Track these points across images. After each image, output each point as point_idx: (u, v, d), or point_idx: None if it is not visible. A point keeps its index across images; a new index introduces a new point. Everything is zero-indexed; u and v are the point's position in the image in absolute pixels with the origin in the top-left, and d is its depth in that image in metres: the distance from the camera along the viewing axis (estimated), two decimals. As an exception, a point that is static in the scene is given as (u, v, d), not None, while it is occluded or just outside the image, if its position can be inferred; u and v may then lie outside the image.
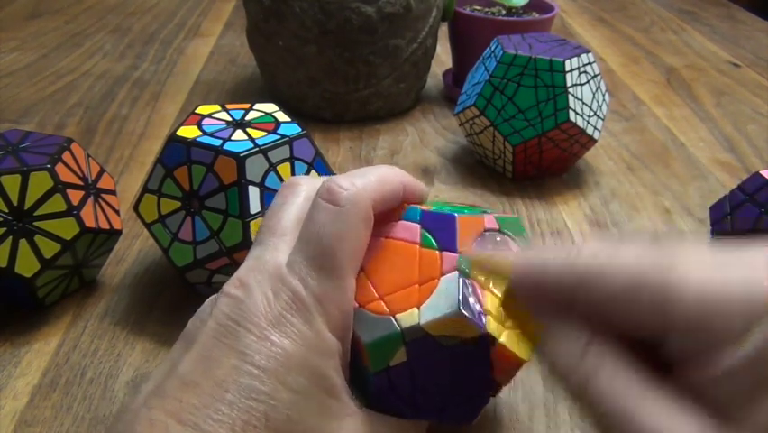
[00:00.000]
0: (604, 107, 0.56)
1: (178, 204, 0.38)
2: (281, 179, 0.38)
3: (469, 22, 0.68)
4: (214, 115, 0.40)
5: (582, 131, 0.53)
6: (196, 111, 0.41)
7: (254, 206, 0.36)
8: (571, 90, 0.52)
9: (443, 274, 0.27)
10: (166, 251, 0.39)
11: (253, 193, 0.36)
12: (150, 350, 0.38)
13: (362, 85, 0.64)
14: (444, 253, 0.27)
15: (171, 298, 0.42)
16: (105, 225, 0.40)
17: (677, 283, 0.20)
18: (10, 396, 0.35)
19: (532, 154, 0.54)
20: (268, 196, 0.37)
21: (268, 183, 0.37)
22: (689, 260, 0.20)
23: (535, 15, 0.69)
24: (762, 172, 0.41)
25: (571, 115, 0.52)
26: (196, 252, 0.37)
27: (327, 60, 0.62)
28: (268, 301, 0.25)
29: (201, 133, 0.38)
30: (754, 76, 0.83)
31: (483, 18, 0.67)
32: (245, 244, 0.36)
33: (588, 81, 0.53)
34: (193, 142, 0.37)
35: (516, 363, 0.28)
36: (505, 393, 0.36)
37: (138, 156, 0.59)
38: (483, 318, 0.26)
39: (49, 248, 0.37)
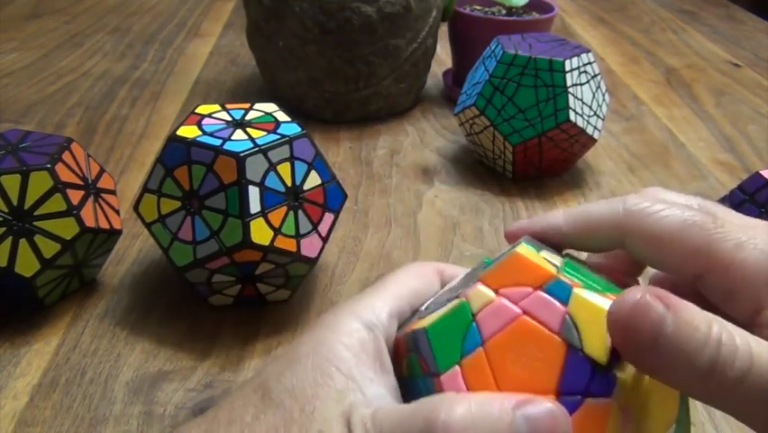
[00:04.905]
0: (604, 107, 0.56)
1: (178, 204, 0.38)
2: (281, 179, 0.38)
3: (469, 22, 0.68)
4: (214, 115, 0.40)
5: (582, 131, 0.53)
6: (196, 111, 0.41)
7: (254, 206, 0.36)
8: (571, 90, 0.52)
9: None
10: (166, 251, 0.38)
11: (253, 193, 0.36)
12: (149, 350, 0.38)
13: (362, 85, 0.64)
14: None
15: (171, 298, 0.42)
16: (104, 225, 0.40)
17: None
18: (10, 396, 0.35)
19: (532, 154, 0.54)
20: (267, 195, 0.37)
21: (268, 183, 0.37)
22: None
23: (535, 15, 0.69)
24: (762, 172, 0.41)
25: (571, 115, 0.52)
26: (196, 252, 0.37)
27: (327, 60, 0.62)
28: None
29: (201, 133, 0.38)
30: (754, 76, 0.83)
31: (483, 18, 0.67)
32: (245, 244, 0.36)
33: (588, 81, 0.53)
34: (193, 142, 0.37)
35: None
36: None
37: (138, 156, 0.59)
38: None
39: (49, 248, 0.37)
